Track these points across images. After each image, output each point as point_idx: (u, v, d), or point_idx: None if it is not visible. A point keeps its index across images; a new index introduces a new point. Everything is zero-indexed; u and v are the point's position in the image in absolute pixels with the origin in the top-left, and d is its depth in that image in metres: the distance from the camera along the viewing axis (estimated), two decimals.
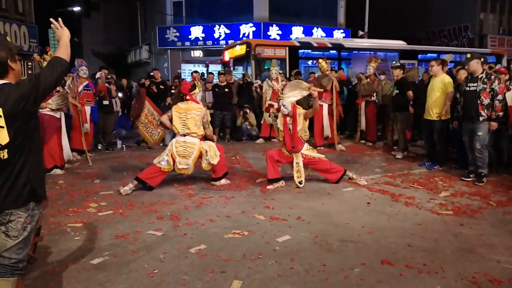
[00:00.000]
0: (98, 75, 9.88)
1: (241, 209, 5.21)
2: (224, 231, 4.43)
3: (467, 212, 5.07)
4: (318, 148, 9.35)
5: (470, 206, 5.33)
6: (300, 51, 14.56)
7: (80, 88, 8.60)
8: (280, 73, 11.22)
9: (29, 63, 18.29)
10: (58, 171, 7.16)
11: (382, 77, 10.30)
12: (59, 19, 2.75)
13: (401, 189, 6.19)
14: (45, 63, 7.02)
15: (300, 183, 6.26)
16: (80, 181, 6.77)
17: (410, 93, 8.38)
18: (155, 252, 3.92)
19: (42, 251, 3.89)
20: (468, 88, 6.56)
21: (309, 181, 6.53)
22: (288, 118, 6.27)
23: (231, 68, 14.68)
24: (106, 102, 9.59)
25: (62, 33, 2.69)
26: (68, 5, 29.44)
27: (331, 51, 15.01)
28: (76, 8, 29.51)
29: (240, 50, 14.32)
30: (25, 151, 2.41)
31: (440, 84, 7.24)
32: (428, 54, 16.77)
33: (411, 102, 8.50)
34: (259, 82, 11.70)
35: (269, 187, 6.22)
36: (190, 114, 6.17)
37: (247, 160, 8.38)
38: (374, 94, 10.09)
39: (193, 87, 6.45)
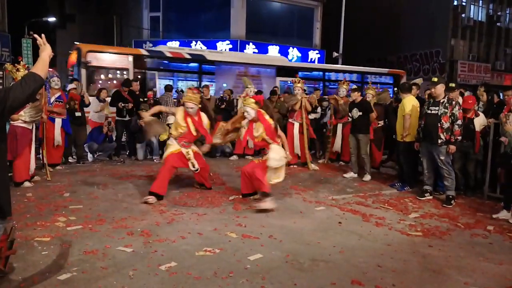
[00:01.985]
0: (69, 86, 9.66)
1: (213, 226, 5.18)
2: (195, 249, 4.38)
3: (435, 234, 5.17)
4: (292, 166, 9.42)
5: (438, 227, 5.45)
6: (148, 60, 13.04)
7: (52, 99, 8.37)
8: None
9: (0, 72, 17.89)
10: (27, 184, 6.99)
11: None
12: (43, 35, 2.71)
13: (372, 209, 6.28)
14: (17, 73, 6.89)
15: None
16: (49, 194, 6.61)
17: (373, 115, 8.54)
18: (124, 269, 3.85)
19: (7, 266, 3.76)
20: (429, 111, 6.79)
21: (281, 199, 6.57)
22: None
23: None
24: (78, 114, 9.42)
25: (43, 49, 2.64)
26: (43, 15, 29.05)
27: (191, 64, 13.94)
28: (51, 19, 29.10)
29: (73, 56, 12.38)
30: None
31: (402, 106, 7.52)
32: (314, 72, 16.31)
33: (378, 124, 8.68)
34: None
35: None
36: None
37: (220, 177, 8.34)
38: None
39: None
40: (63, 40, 34.17)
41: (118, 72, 12.66)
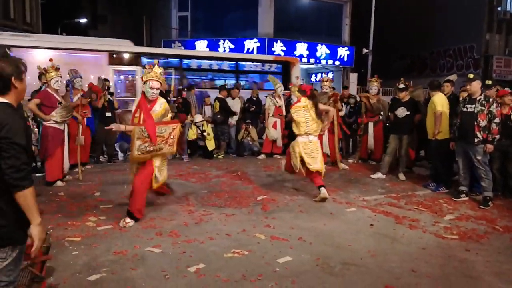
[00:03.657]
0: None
1: (242, 227, 5.12)
2: (223, 250, 4.34)
3: (472, 237, 4.96)
4: None
5: (475, 230, 5.22)
6: None
7: (74, 99, 8.21)
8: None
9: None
10: (59, 183, 7.10)
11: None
12: None
13: (405, 211, 6.08)
14: (47, 75, 7.00)
15: None
16: (81, 193, 6.70)
17: (418, 116, 8.30)
18: (153, 270, 3.84)
19: (43, 271, 3.79)
20: (465, 109, 6.54)
21: (310, 200, 6.46)
22: None
23: None
24: (108, 114, 9.51)
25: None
26: (75, 16, 29.67)
27: None
28: (83, 20, 29.73)
29: None
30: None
31: (431, 104, 7.31)
32: (170, 59, 13.33)
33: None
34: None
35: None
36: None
37: (248, 176, 8.28)
38: (381, 113, 9.96)
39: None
40: None
41: None
